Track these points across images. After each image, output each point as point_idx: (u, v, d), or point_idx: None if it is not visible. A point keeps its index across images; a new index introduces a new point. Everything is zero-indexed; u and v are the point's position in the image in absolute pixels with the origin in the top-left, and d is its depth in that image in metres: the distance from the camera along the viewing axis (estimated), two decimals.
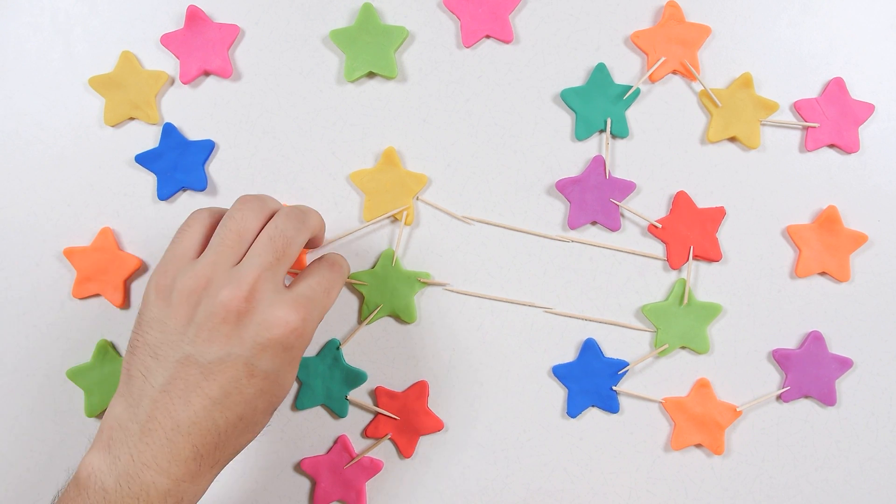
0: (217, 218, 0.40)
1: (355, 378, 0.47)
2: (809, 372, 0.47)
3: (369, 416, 0.48)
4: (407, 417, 0.47)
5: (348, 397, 0.47)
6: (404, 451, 0.47)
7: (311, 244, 0.43)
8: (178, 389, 0.36)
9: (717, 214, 0.47)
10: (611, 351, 0.47)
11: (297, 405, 0.47)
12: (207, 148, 0.48)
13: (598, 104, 0.47)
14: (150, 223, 0.48)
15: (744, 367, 0.47)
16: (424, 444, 0.48)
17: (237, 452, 0.38)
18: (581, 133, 0.48)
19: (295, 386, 0.48)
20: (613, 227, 0.48)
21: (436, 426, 0.47)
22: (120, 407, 0.37)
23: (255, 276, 0.36)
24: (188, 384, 0.36)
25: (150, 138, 0.48)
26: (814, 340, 0.47)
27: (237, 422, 0.36)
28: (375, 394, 0.47)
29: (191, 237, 0.39)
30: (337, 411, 0.47)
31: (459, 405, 0.48)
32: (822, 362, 0.47)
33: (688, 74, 0.48)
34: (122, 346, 0.48)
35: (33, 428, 0.48)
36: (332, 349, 0.47)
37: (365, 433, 0.48)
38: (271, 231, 0.38)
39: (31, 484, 0.48)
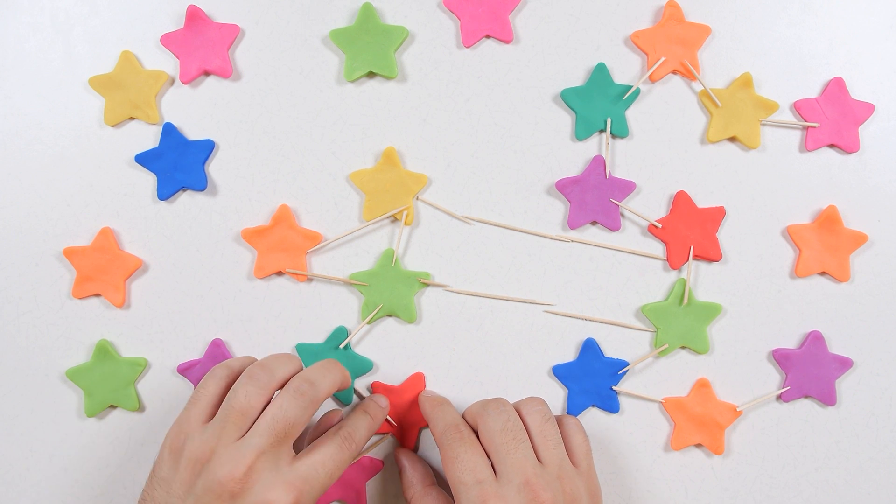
0: (235, 373, 0.42)
1: (360, 366, 0.47)
2: (809, 372, 0.47)
3: None
4: (405, 411, 0.47)
5: (353, 386, 0.47)
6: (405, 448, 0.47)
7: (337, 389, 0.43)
8: None
9: (717, 214, 0.47)
10: (611, 351, 0.47)
11: None
12: (207, 148, 0.48)
13: (598, 104, 0.47)
14: (150, 223, 0.48)
15: (744, 367, 0.47)
16: (425, 443, 0.48)
17: None
18: (581, 133, 0.48)
19: None
20: (613, 227, 0.48)
21: None
22: None
23: (254, 457, 0.37)
24: None
25: (150, 138, 0.48)
26: (814, 340, 0.47)
27: None
28: (373, 389, 0.47)
29: (206, 398, 0.41)
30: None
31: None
32: (822, 362, 0.47)
33: (688, 74, 0.48)
34: (122, 346, 0.48)
35: (33, 428, 0.48)
36: (339, 336, 0.47)
37: None
38: (274, 411, 0.39)
39: (31, 484, 0.48)
